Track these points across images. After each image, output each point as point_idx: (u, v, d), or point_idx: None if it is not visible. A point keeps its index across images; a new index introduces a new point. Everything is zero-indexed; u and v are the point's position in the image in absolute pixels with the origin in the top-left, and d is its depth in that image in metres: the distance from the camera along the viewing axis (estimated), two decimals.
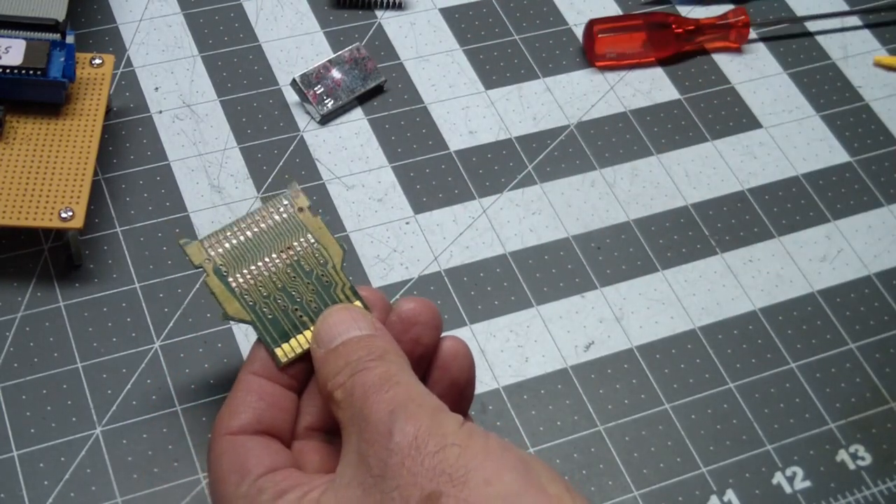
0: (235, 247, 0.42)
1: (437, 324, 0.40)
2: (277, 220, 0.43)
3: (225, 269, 0.41)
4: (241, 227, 0.42)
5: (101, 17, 0.58)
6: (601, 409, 0.48)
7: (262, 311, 0.41)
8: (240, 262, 0.42)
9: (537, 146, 0.56)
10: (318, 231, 0.43)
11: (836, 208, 0.56)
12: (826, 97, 0.60)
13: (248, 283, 0.41)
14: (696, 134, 0.58)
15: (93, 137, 0.49)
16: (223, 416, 0.39)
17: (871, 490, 0.47)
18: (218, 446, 0.38)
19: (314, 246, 0.42)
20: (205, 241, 0.42)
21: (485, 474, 0.33)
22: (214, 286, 0.41)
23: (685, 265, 0.53)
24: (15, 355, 0.47)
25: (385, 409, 0.35)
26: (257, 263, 0.42)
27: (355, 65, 0.56)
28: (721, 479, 0.46)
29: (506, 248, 0.52)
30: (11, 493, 0.43)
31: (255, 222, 0.42)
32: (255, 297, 0.41)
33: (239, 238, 0.42)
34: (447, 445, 0.34)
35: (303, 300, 0.41)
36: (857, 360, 0.50)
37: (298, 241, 0.42)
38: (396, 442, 0.34)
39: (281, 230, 0.42)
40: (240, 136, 0.54)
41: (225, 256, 0.42)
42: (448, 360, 0.40)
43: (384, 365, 0.37)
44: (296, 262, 0.42)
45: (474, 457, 0.34)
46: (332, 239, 0.43)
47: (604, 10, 0.62)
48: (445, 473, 0.33)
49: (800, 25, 0.63)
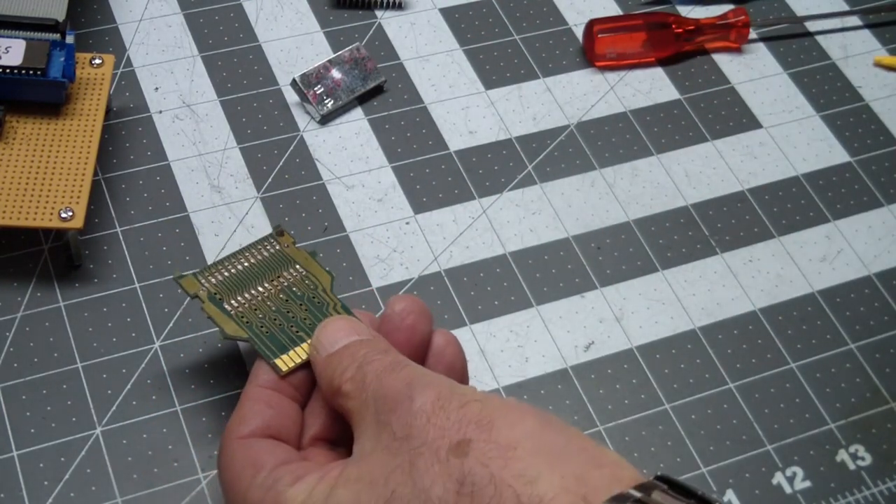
0: (228, 279, 0.44)
1: (428, 315, 0.42)
2: (266, 255, 0.44)
3: (219, 297, 0.43)
4: (231, 262, 0.44)
5: (101, 17, 0.58)
6: (601, 409, 0.48)
7: (259, 328, 0.42)
8: (233, 291, 0.43)
9: (537, 146, 0.56)
10: (306, 262, 0.44)
11: (836, 208, 0.56)
12: (826, 97, 0.60)
13: (244, 307, 0.43)
14: (696, 134, 0.58)
15: (93, 137, 0.49)
16: (233, 424, 0.39)
17: (871, 490, 0.47)
18: (229, 449, 0.39)
19: (303, 274, 0.44)
20: (198, 274, 0.44)
21: (510, 419, 0.35)
22: (211, 310, 0.43)
23: (685, 265, 0.53)
24: (15, 355, 0.47)
25: (403, 383, 0.37)
26: (251, 291, 0.43)
27: (355, 65, 0.56)
28: (721, 479, 0.46)
29: (506, 248, 0.52)
30: (11, 493, 0.43)
31: (245, 258, 0.44)
32: (250, 317, 0.43)
33: (230, 271, 0.44)
34: (469, 401, 0.35)
35: (297, 318, 0.43)
36: (857, 360, 0.50)
37: (288, 271, 0.44)
38: (419, 405, 0.36)
39: (270, 263, 0.44)
40: (240, 136, 0.54)
41: (218, 286, 0.43)
42: (441, 347, 0.42)
43: (391, 355, 0.39)
44: (287, 289, 0.43)
45: (497, 408, 0.35)
46: (320, 268, 0.44)
47: (604, 10, 0.62)
48: (472, 423, 0.35)
49: (800, 25, 0.63)
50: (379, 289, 0.50)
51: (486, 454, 0.34)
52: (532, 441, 0.34)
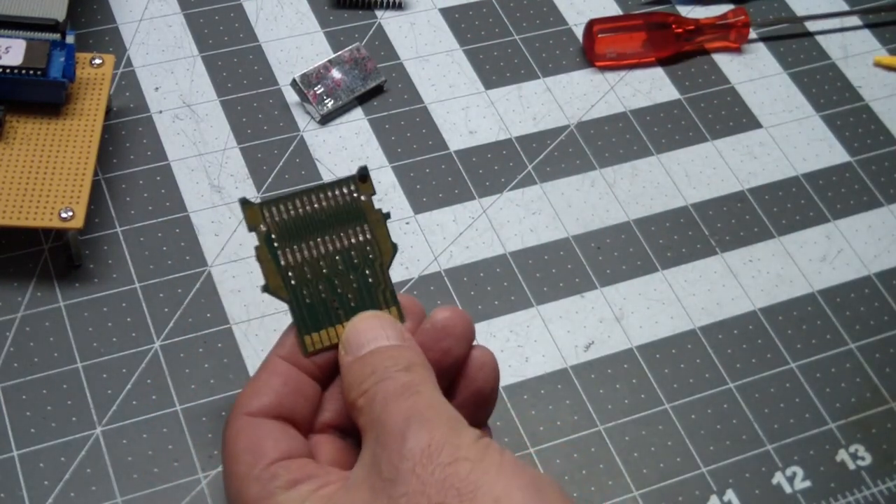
0: (293, 219, 0.40)
1: (469, 336, 0.40)
2: (340, 203, 0.41)
3: (277, 242, 0.40)
4: (302, 200, 0.41)
5: (101, 17, 0.58)
6: (601, 409, 0.48)
7: (301, 293, 0.40)
8: (293, 237, 0.40)
9: (537, 146, 0.56)
10: (376, 224, 0.41)
11: (836, 208, 0.56)
12: (826, 97, 0.60)
13: (296, 261, 0.40)
14: (696, 134, 0.58)
15: (93, 137, 0.49)
16: (245, 395, 0.38)
17: (871, 490, 0.47)
18: (235, 424, 0.38)
19: (368, 238, 0.41)
20: (264, 206, 0.40)
21: (494, 493, 0.33)
22: (263, 256, 0.40)
23: (685, 265, 0.53)
24: (15, 355, 0.47)
25: (402, 416, 0.35)
26: (309, 242, 0.40)
27: (355, 65, 0.56)
28: (721, 479, 0.46)
29: (506, 248, 0.52)
30: (11, 493, 0.43)
31: (319, 199, 0.41)
32: (298, 277, 0.40)
33: (298, 211, 0.41)
34: (459, 459, 0.34)
35: (343, 293, 0.40)
36: (857, 360, 0.50)
37: (354, 229, 0.41)
38: (409, 448, 0.34)
39: (340, 213, 0.41)
40: (240, 136, 0.54)
41: (281, 227, 0.40)
42: (475, 369, 0.40)
43: (408, 376, 0.37)
44: (346, 251, 0.41)
45: (485, 473, 0.34)
46: (386, 235, 0.41)
47: (604, 10, 0.62)
48: (454, 488, 0.33)
49: (800, 25, 0.63)
50: None
51: None
52: None
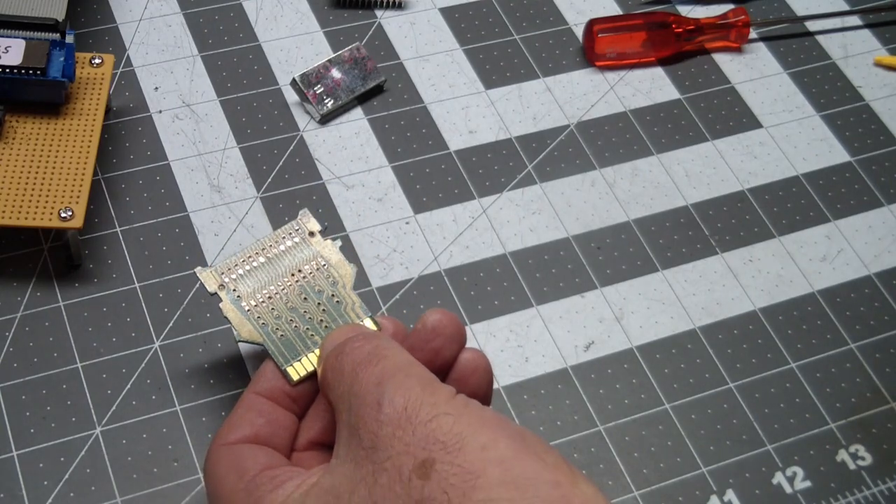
0: (248, 272, 0.43)
1: (459, 337, 0.40)
2: (289, 245, 0.44)
3: (238, 294, 0.43)
4: (252, 252, 0.43)
5: (100, 17, 0.58)
6: (601, 409, 0.48)
7: (274, 332, 0.42)
8: (252, 286, 0.43)
9: (537, 146, 0.56)
10: (330, 252, 0.44)
11: (836, 208, 0.56)
12: (826, 97, 0.60)
13: (261, 305, 0.42)
14: (696, 134, 0.58)
15: (93, 137, 0.49)
16: (222, 430, 0.39)
17: (871, 490, 0.47)
18: (215, 455, 0.38)
19: (325, 267, 0.43)
20: (218, 267, 0.43)
21: (480, 441, 0.33)
22: (228, 311, 0.42)
23: (685, 265, 0.53)
24: (15, 355, 0.47)
25: (373, 382, 0.35)
26: (269, 287, 0.43)
27: (355, 65, 0.56)
28: (721, 479, 0.46)
29: (506, 248, 0.52)
30: (11, 493, 0.43)
31: (267, 248, 0.44)
32: (267, 319, 0.42)
33: (251, 264, 0.43)
34: (439, 414, 0.34)
35: (314, 319, 0.42)
36: (857, 360, 0.50)
37: (310, 263, 0.43)
38: (386, 413, 0.34)
39: (292, 254, 0.44)
40: (240, 135, 0.54)
41: (238, 282, 0.43)
42: (467, 373, 0.40)
43: (373, 343, 0.37)
44: (307, 284, 0.43)
45: (469, 425, 0.33)
46: (343, 260, 0.44)
47: (604, 9, 0.62)
48: (439, 441, 0.33)
49: (800, 25, 0.63)
50: (379, 288, 0.50)
51: (449, 480, 0.32)
52: (501, 469, 0.32)
